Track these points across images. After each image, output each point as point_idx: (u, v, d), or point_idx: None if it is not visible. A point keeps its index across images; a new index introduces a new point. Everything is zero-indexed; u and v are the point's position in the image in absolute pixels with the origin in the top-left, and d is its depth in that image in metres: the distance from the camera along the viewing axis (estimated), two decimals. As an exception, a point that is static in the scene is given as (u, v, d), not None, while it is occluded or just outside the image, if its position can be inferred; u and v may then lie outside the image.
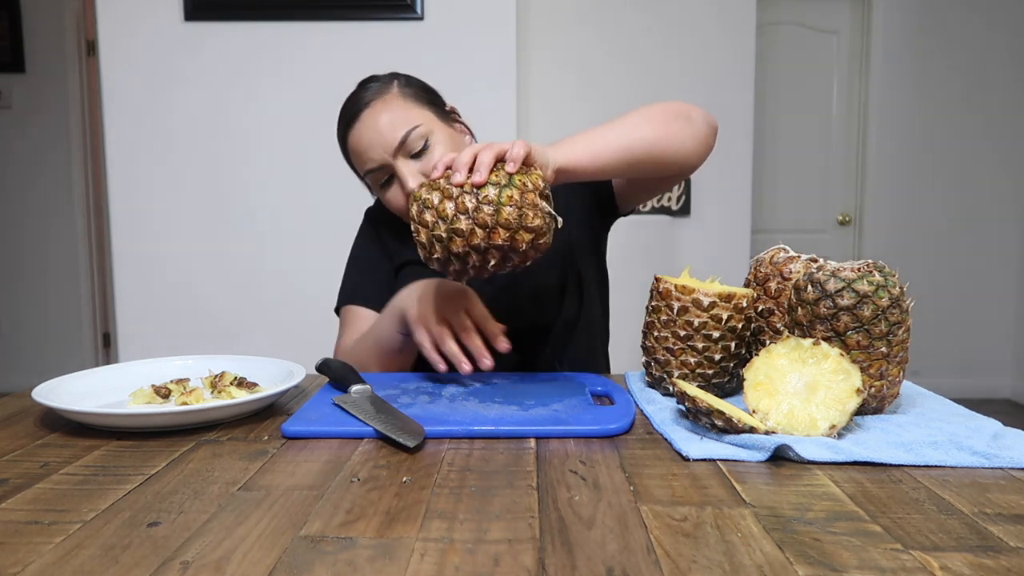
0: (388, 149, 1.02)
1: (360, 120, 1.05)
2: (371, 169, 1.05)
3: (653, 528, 0.50)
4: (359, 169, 1.08)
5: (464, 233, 0.75)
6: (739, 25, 3.08)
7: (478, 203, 0.74)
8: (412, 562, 0.45)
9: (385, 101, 1.05)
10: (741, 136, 3.12)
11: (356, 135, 1.05)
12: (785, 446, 0.63)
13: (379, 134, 1.02)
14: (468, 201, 0.75)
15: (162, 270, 2.36)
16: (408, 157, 1.03)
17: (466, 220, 0.74)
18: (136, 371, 0.91)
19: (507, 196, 0.74)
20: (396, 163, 1.02)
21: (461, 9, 2.32)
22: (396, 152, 1.02)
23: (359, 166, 1.07)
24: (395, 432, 0.68)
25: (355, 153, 1.07)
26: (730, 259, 3.13)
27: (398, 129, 1.02)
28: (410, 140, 1.02)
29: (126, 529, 0.50)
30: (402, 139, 1.01)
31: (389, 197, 1.06)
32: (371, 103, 1.05)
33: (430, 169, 0.88)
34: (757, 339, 0.87)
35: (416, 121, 1.03)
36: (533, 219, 0.75)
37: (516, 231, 0.75)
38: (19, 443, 0.70)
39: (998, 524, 0.50)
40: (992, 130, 3.80)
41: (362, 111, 1.05)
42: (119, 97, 2.31)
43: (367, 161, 1.05)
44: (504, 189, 0.75)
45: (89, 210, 4.01)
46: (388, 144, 1.02)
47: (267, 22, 2.30)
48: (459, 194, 0.75)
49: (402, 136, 1.01)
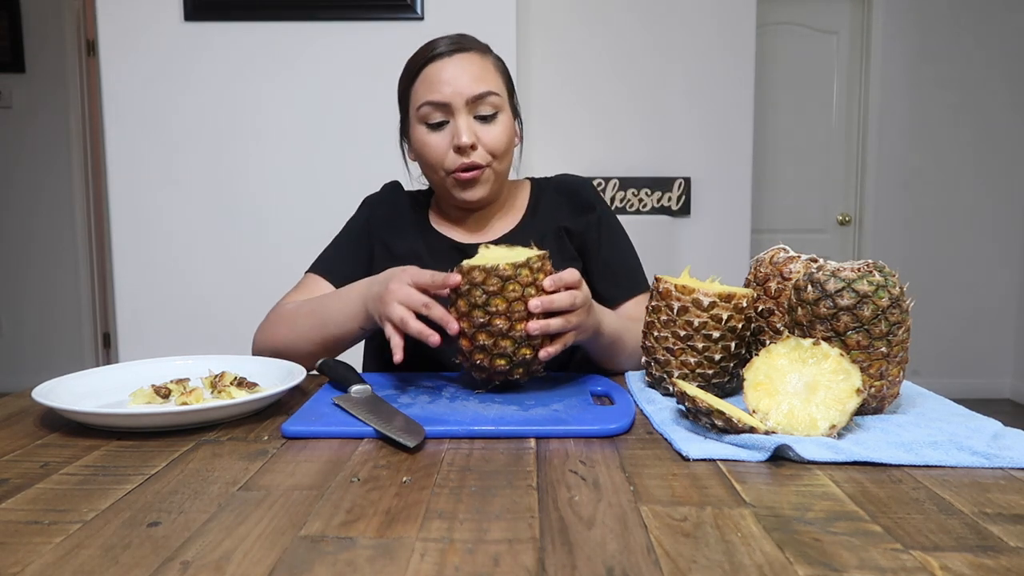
0: (464, 95, 1.04)
1: (453, 58, 1.05)
2: (435, 102, 1.04)
3: (653, 528, 0.50)
4: (422, 98, 1.06)
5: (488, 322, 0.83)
6: (739, 25, 3.08)
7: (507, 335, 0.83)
8: (412, 562, 0.45)
9: (482, 57, 1.08)
10: (741, 136, 3.12)
11: (441, 67, 1.05)
12: (785, 446, 0.63)
13: (465, 77, 1.04)
14: (504, 325, 0.83)
15: (162, 270, 2.36)
16: (472, 115, 1.05)
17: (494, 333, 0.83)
18: (136, 371, 0.91)
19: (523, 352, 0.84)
20: (461, 112, 1.04)
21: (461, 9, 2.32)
22: (468, 102, 1.04)
23: (424, 94, 1.06)
24: (395, 432, 0.68)
25: (428, 81, 1.06)
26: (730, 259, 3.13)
27: (482, 85, 1.05)
28: (486, 101, 1.05)
29: (126, 529, 0.50)
30: (480, 94, 1.04)
31: (430, 140, 1.06)
32: (470, 51, 1.07)
33: (489, 139, 1.04)
34: (757, 339, 0.87)
35: (497, 90, 1.07)
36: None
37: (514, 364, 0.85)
38: (19, 443, 0.70)
39: (998, 524, 0.50)
40: (992, 130, 3.80)
41: (459, 52, 1.06)
42: (119, 97, 2.31)
43: (437, 93, 1.04)
44: (522, 348, 0.84)
45: (89, 210, 4.01)
46: (467, 91, 1.04)
47: (267, 22, 2.30)
48: (506, 325, 0.82)
49: (482, 92, 1.04)
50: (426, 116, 1.06)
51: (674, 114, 3.13)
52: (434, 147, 1.06)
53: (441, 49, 1.06)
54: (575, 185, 1.21)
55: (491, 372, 0.84)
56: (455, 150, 1.05)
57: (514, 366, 0.84)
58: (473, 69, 1.05)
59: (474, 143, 1.05)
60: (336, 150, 2.35)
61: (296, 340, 1.03)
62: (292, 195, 2.36)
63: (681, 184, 3.10)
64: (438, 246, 1.15)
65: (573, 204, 1.18)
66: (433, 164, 1.08)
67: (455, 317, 0.84)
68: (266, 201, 2.36)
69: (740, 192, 3.14)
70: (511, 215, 1.19)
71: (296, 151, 2.35)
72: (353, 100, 2.32)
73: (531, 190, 1.22)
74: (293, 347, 1.03)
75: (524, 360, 0.84)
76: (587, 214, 1.17)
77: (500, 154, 1.08)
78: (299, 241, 2.34)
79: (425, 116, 1.06)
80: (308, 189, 2.35)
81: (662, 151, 3.15)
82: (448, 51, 1.06)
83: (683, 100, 3.12)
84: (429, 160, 1.08)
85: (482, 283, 0.82)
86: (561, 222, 1.16)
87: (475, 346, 0.83)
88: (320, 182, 2.35)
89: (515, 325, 0.82)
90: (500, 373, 0.84)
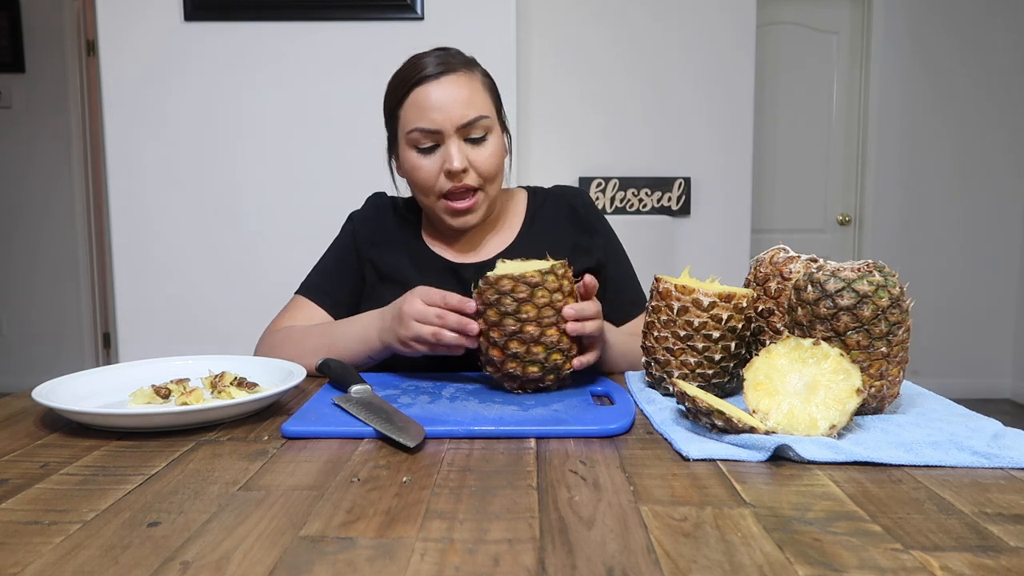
0: (454, 121, 1.03)
1: (440, 81, 1.04)
2: (426, 129, 1.04)
3: (653, 528, 0.49)
4: (411, 124, 1.05)
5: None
6: (739, 25, 3.08)
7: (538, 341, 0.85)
8: (412, 562, 0.45)
9: (470, 78, 1.07)
10: (741, 136, 3.12)
11: (429, 92, 1.04)
12: (785, 446, 0.63)
13: (454, 104, 1.03)
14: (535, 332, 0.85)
15: (162, 270, 2.36)
16: (463, 138, 1.05)
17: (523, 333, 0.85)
18: (136, 371, 0.91)
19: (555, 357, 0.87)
20: (452, 137, 1.04)
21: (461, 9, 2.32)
22: (459, 128, 1.03)
23: (414, 120, 1.05)
24: (395, 432, 0.68)
25: (417, 107, 1.04)
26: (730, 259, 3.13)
27: (472, 110, 1.04)
28: (476, 125, 1.04)
29: (126, 529, 0.50)
30: (471, 120, 1.04)
31: (422, 164, 1.06)
32: (457, 71, 1.06)
33: (480, 162, 1.05)
34: (757, 339, 0.87)
35: (487, 112, 1.06)
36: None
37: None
38: (19, 443, 0.70)
39: (998, 524, 0.50)
40: (992, 130, 3.80)
41: (446, 74, 1.05)
42: (119, 97, 2.31)
43: (426, 120, 1.03)
44: (552, 353, 0.87)
45: (89, 210, 4.01)
46: (457, 117, 1.03)
47: (267, 22, 2.30)
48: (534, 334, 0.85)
49: (473, 118, 1.04)
50: (416, 141, 1.05)
51: (674, 114, 3.13)
52: (425, 171, 1.06)
53: (429, 71, 1.05)
54: (573, 198, 1.20)
55: (523, 380, 0.86)
56: (446, 175, 1.05)
57: (546, 372, 0.86)
58: (462, 93, 1.04)
59: (466, 167, 1.04)
60: (336, 150, 2.34)
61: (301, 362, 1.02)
62: (292, 195, 2.36)
63: (681, 184, 3.10)
64: (430, 265, 1.13)
65: (573, 219, 1.17)
66: (424, 188, 1.07)
67: (483, 328, 0.86)
68: (266, 201, 2.36)
69: (740, 192, 3.14)
70: (505, 231, 1.17)
71: (296, 151, 2.35)
72: (353, 100, 2.32)
73: (527, 203, 1.20)
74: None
75: (556, 365, 0.86)
76: (591, 233, 1.17)
77: (492, 177, 1.07)
78: (300, 241, 2.34)
79: (415, 141, 1.06)
80: (308, 189, 2.35)
81: (662, 151, 3.15)
82: (435, 73, 1.04)
83: (683, 100, 3.12)
84: (420, 184, 1.08)
85: (511, 291, 0.84)
86: (563, 237, 1.15)
87: (507, 355, 0.85)
88: (320, 182, 2.35)
89: (545, 331, 0.84)
90: (532, 380, 0.86)
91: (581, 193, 1.22)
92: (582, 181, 3.10)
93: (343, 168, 2.33)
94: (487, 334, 0.86)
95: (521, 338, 0.84)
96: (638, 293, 1.20)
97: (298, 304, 1.14)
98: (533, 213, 1.19)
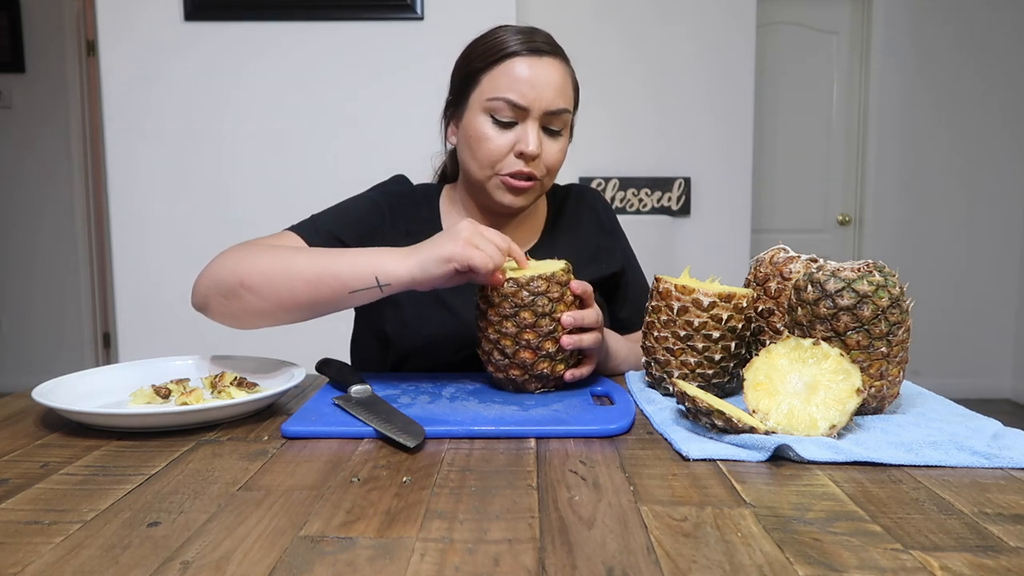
0: (543, 105, 0.99)
1: (543, 60, 1.00)
2: (513, 102, 0.98)
3: (653, 528, 0.49)
4: (499, 92, 0.99)
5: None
6: (739, 25, 3.08)
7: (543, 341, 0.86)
8: (412, 562, 0.45)
9: (566, 70, 1.04)
10: (741, 136, 3.13)
11: (528, 66, 0.99)
12: (785, 446, 0.63)
13: (548, 87, 0.99)
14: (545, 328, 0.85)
15: (162, 270, 2.36)
16: (541, 126, 1.01)
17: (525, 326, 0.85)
18: (136, 371, 0.91)
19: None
20: (535, 121, 1.00)
21: (461, 9, 2.32)
22: (545, 113, 1.00)
23: (504, 89, 0.99)
24: (395, 432, 0.68)
25: (512, 76, 0.99)
26: (730, 259, 3.13)
27: (562, 101, 1.01)
28: (559, 117, 1.02)
29: (126, 529, 0.50)
30: (558, 110, 1.01)
31: (494, 136, 1.00)
32: (558, 57, 1.03)
33: (551, 154, 1.02)
34: (757, 339, 0.87)
35: (571, 108, 1.04)
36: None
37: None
38: (19, 443, 0.70)
39: (998, 524, 0.50)
40: (992, 129, 3.80)
41: (550, 55, 1.01)
42: (119, 97, 2.31)
43: (516, 93, 0.98)
44: (556, 364, 0.88)
45: (89, 210, 4.01)
46: (547, 102, 0.99)
47: (267, 22, 2.30)
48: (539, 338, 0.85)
49: (560, 107, 1.01)
50: (497, 110, 1.00)
51: (674, 114, 3.13)
52: (495, 144, 1.00)
53: (531, 45, 1.00)
54: (593, 199, 1.20)
55: (553, 378, 0.87)
56: (517, 155, 1.00)
57: (548, 381, 0.88)
58: (558, 80, 1.01)
59: (539, 154, 1.01)
60: (336, 149, 2.34)
61: (280, 279, 0.87)
62: (292, 195, 2.36)
63: (681, 184, 3.10)
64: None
65: (595, 221, 1.17)
66: (488, 161, 1.01)
67: (514, 332, 0.85)
68: (266, 200, 2.36)
69: (740, 192, 3.14)
70: (529, 230, 1.14)
71: (296, 150, 2.35)
72: (354, 99, 2.32)
73: (548, 201, 1.18)
74: (266, 287, 0.87)
75: (558, 375, 0.88)
76: (612, 236, 1.17)
77: (554, 171, 1.06)
78: (299, 241, 2.34)
79: (495, 109, 1.00)
80: (308, 188, 2.35)
81: (662, 151, 3.15)
82: (537, 50, 1.00)
83: (683, 100, 3.12)
84: (484, 156, 1.01)
85: (544, 292, 0.84)
86: (587, 239, 1.15)
87: (539, 356, 0.85)
88: (320, 181, 2.35)
89: (543, 343, 0.86)
90: (558, 378, 0.88)
91: (599, 194, 1.22)
92: (582, 181, 3.10)
93: (343, 167, 2.33)
94: (488, 335, 0.86)
95: (555, 337, 0.85)
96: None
97: (287, 239, 1.01)
98: (556, 212, 1.17)
